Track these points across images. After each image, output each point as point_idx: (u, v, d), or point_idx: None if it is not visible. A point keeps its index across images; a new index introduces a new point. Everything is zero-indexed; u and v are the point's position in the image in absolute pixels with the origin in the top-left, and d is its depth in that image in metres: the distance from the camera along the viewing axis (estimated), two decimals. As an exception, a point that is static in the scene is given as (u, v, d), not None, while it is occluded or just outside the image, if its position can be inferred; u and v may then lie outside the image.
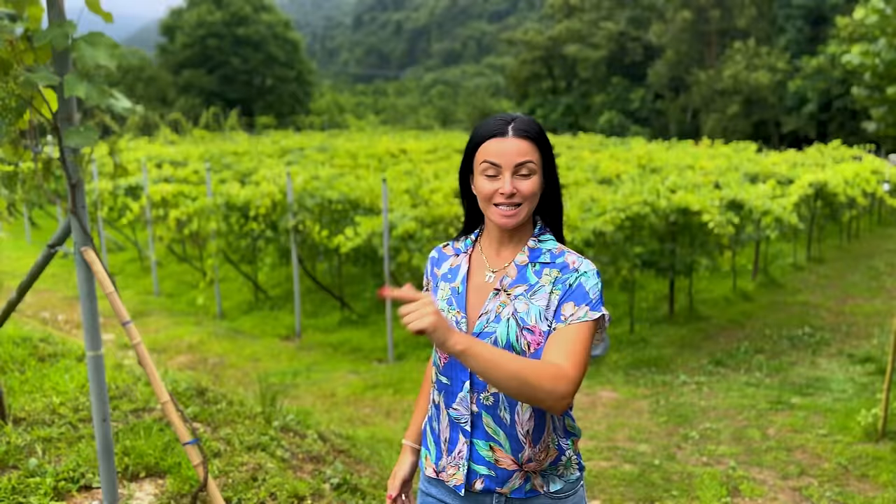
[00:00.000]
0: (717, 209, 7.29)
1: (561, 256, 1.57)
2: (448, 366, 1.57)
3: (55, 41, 1.93)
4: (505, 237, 1.60)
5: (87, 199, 10.20)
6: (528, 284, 1.54)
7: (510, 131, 1.51)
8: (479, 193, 1.54)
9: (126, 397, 3.16)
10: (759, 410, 5.15)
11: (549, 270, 1.55)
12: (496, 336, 1.51)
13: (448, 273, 1.65)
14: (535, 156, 1.52)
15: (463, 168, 1.60)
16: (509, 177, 1.49)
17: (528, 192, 1.51)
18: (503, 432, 1.53)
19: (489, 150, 1.51)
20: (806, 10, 39.25)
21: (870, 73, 4.98)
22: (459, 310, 1.57)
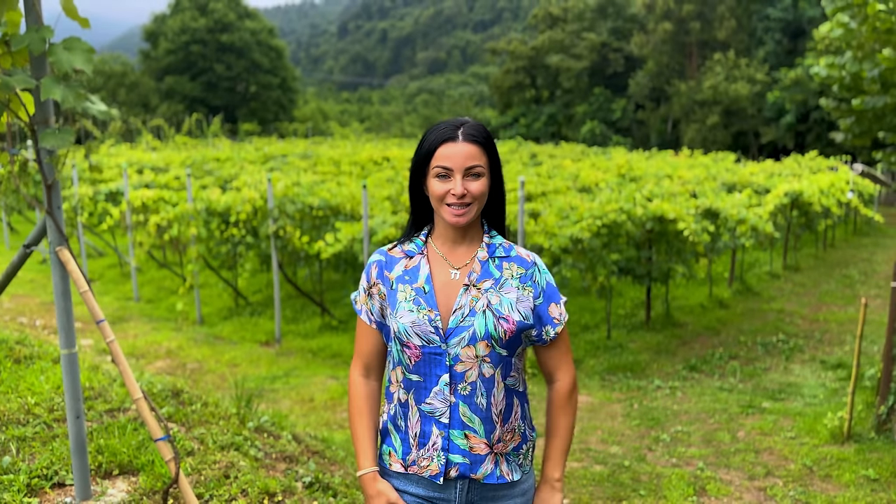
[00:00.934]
0: (692, 217, 7.42)
1: (512, 250, 1.71)
2: (420, 364, 1.64)
3: (32, 45, 1.98)
4: (458, 235, 1.69)
5: (68, 205, 10.18)
6: (494, 279, 1.66)
7: (460, 136, 1.61)
8: (432, 194, 1.63)
9: (101, 398, 3.18)
10: (731, 414, 5.25)
11: (508, 264, 1.68)
12: (474, 328, 1.60)
13: (405, 275, 1.70)
14: (483, 159, 1.63)
15: (415, 170, 1.68)
16: (460, 178, 1.59)
17: (478, 193, 1.61)
18: (478, 417, 1.63)
19: (441, 153, 1.60)
20: (784, 22, 39.90)
21: (837, 85, 5.14)
22: (431, 308, 1.63)
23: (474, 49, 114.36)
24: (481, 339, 1.60)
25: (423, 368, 1.64)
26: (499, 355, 1.63)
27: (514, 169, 14.75)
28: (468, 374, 1.62)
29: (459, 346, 1.61)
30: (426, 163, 1.64)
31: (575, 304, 9.03)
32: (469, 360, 1.62)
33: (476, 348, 1.61)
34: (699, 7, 41.64)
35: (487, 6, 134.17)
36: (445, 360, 1.62)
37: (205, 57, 50.31)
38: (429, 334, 1.62)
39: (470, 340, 1.61)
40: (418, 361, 1.64)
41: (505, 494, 1.70)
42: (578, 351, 7.33)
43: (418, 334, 1.63)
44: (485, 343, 1.61)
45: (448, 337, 1.62)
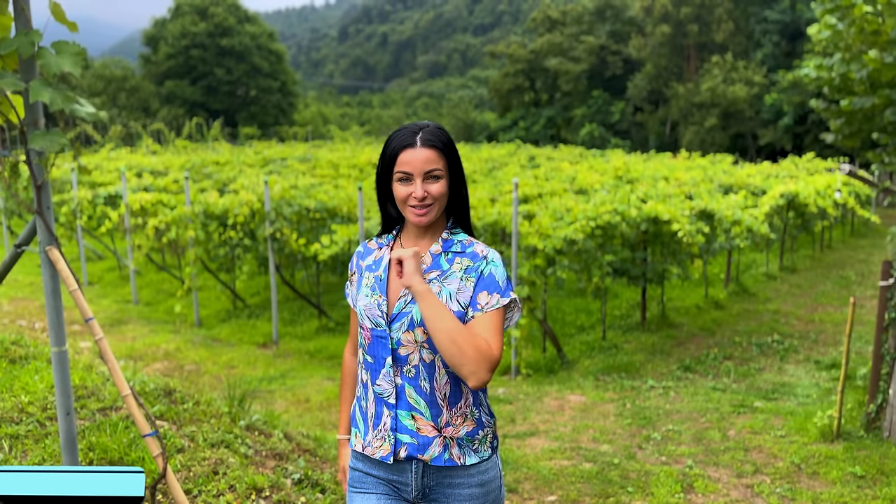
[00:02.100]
0: (687, 219, 7.45)
1: (470, 247, 1.79)
2: (371, 345, 1.76)
3: (21, 49, 2.03)
4: (421, 232, 1.80)
5: (67, 208, 10.24)
6: (441, 270, 1.75)
7: (418, 142, 1.71)
8: (396, 197, 1.74)
9: (94, 396, 3.23)
10: (722, 413, 5.29)
11: (460, 259, 1.76)
12: (412, 314, 1.71)
13: (372, 264, 1.84)
14: (442, 162, 1.72)
15: (380, 175, 1.78)
16: (420, 182, 1.70)
17: (437, 194, 1.72)
18: (423, 401, 1.72)
19: (402, 159, 1.70)
20: (782, 25, 39.97)
21: (827, 87, 5.18)
22: (381, 293, 1.76)
23: (474, 52, 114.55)
24: (418, 325, 1.69)
25: (373, 350, 1.75)
26: None
27: (512, 171, 14.80)
28: (411, 358, 1.72)
29: (400, 331, 1.71)
30: (390, 168, 1.74)
31: (570, 305, 9.06)
32: (410, 344, 1.71)
33: (415, 333, 1.70)
34: (697, 10, 41.72)
35: (487, 10, 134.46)
36: (388, 343, 1.72)
37: (205, 61, 50.43)
38: (377, 317, 1.74)
39: (409, 326, 1.70)
40: (370, 343, 1.76)
41: (461, 482, 1.75)
42: (573, 352, 7.36)
43: (369, 317, 1.75)
44: (422, 329, 1.69)
45: (391, 321, 1.73)
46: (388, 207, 1.83)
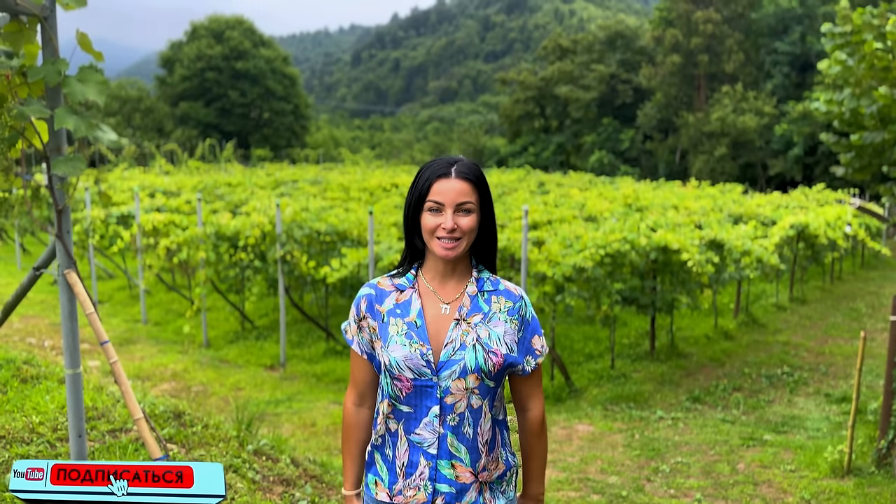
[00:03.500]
0: (696, 248, 7.45)
1: (499, 284, 1.77)
2: (411, 395, 1.68)
3: (48, 77, 2.08)
4: (448, 270, 1.75)
5: (80, 227, 10.33)
6: (483, 313, 1.72)
7: (453, 173, 1.68)
8: (424, 228, 1.69)
9: (105, 418, 3.24)
10: (732, 446, 5.24)
11: (497, 298, 1.74)
12: (465, 362, 1.66)
13: (396, 308, 1.74)
14: (474, 196, 1.69)
15: (410, 206, 1.73)
16: (451, 213, 1.66)
17: (467, 228, 1.68)
18: (465, 447, 1.69)
19: (435, 189, 1.67)
20: (792, 56, 40.16)
21: (837, 121, 5.22)
22: (423, 342, 1.68)
23: (485, 79, 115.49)
24: (471, 372, 1.65)
25: (414, 400, 1.69)
26: (487, 387, 1.69)
27: (522, 197, 14.85)
28: (457, 406, 1.67)
29: (450, 379, 1.66)
30: (421, 198, 1.70)
31: (579, 333, 9.03)
32: (459, 392, 1.67)
33: (466, 381, 1.66)
34: (707, 40, 42.01)
35: (499, 37, 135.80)
36: (436, 392, 1.66)
37: (220, 84, 51.07)
38: (420, 367, 1.66)
39: (460, 373, 1.66)
40: (409, 393, 1.68)
41: None
42: (582, 380, 7.33)
43: (410, 367, 1.66)
44: (474, 376, 1.66)
45: (439, 370, 1.66)
46: (416, 240, 1.78)
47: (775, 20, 40.87)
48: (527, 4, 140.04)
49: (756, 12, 42.05)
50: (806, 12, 39.90)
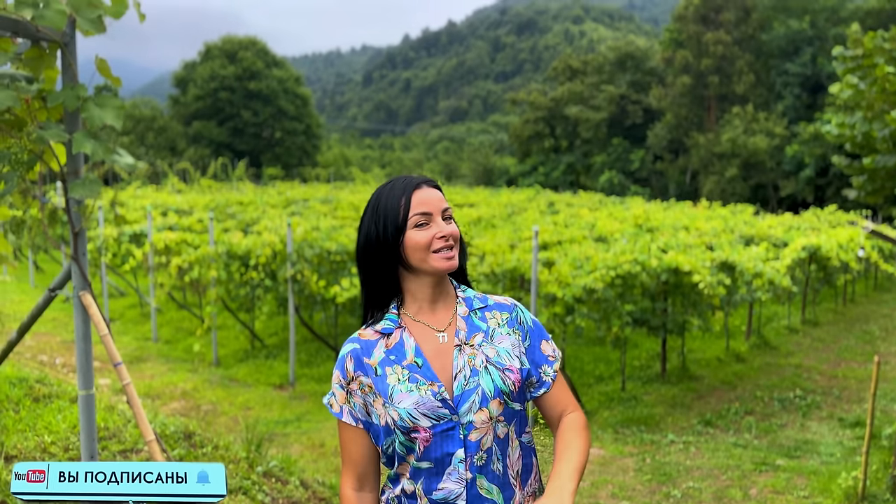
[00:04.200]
0: (708, 270, 7.42)
1: (487, 299, 1.63)
2: (431, 448, 1.48)
3: (67, 102, 2.12)
4: (435, 295, 1.58)
5: (92, 245, 10.43)
6: (483, 331, 1.56)
7: (424, 184, 1.56)
8: (416, 246, 1.50)
9: (115, 438, 3.25)
10: (744, 471, 5.18)
11: (491, 313, 1.60)
12: (482, 387, 1.48)
13: (389, 355, 1.54)
14: (447, 203, 1.58)
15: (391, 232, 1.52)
16: (441, 220, 1.53)
17: (457, 234, 1.56)
18: (496, 486, 1.50)
19: (417, 200, 1.52)
20: (803, 77, 40.21)
21: (849, 143, 5.22)
22: (432, 381, 1.49)
23: (495, 99, 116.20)
24: (493, 398, 1.48)
25: (435, 451, 1.48)
26: (512, 410, 1.52)
27: (532, 217, 14.86)
28: (483, 442, 1.48)
29: (472, 413, 1.47)
30: (403, 218, 1.52)
31: (589, 354, 8.99)
32: (483, 425, 1.48)
33: (489, 409, 1.48)
34: (718, 62, 42.15)
35: (509, 58, 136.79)
36: (459, 432, 1.47)
37: (232, 103, 51.65)
38: (437, 410, 1.47)
39: (481, 402, 1.48)
40: (428, 445, 1.47)
41: None
42: (592, 402, 7.28)
43: (426, 414, 1.46)
44: (497, 401, 1.49)
45: (458, 405, 1.48)
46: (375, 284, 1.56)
47: (786, 41, 40.98)
48: (537, 26, 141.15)
49: (766, 34, 42.19)
50: (816, 34, 40.00)
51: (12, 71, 2.18)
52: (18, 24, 2.03)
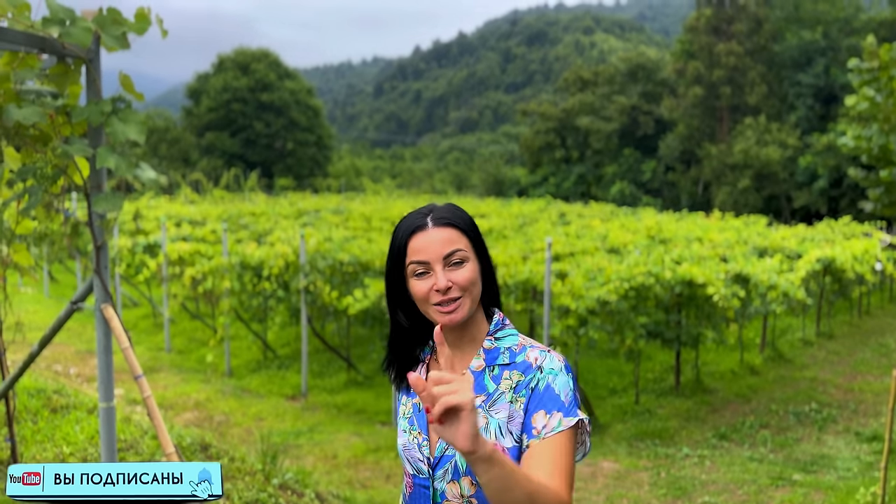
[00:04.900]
0: (722, 282, 7.39)
1: (521, 353, 1.38)
2: (413, 496, 1.38)
3: (92, 118, 2.15)
4: (456, 337, 1.40)
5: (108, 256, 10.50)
6: (487, 394, 1.35)
7: (430, 223, 1.36)
8: (415, 297, 1.36)
9: (133, 449, 3.27)
10: (760, 486, 5.13)
11: (510, 373, 1.36)
12: (455, 460, 1.32)
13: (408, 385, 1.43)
14: (464, 241, 1.36)
15: (391, 272, 1.40)
16: (441, 270, 1.33)
17: (465, 282, 1.33)
18: None
19: (412, 247, 1.35)
20: (816, 88, 40.06)
21: (866, 156, 5.18)
22: (420, 430, 1.37)
23: (505, 109, 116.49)
24: (464, 475, 1.30)
25: (415, 501, 1.38)
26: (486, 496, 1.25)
27: (543, 228, 14.85)
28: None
29: (444, 481, 1.33)
30: (401, 262, 1.37)
31: (602, 367, 8.95)
32: (454, 499, 1.32)
33: (460, 485, 1.31)
34: (730, 72, 42.09)
35: (519, 69, 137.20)
36: (430, 496, 1.34)
37: (245, 115, 52.06)
38: (417, 462, 1.37)
39: (453, 475, 1.32)
40: (411, 493, 1.39)
41: None
42: (605, 415, 7.24)
43: (409, 460, 1.39)
44: (468, 480, 1.30)
45: (435, 468, 1.34)
46: (399, 316, 1.43)
47: (798, 52, 40.89)
48: (547, 37, 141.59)
49: (779, 45, 42.11)
50: (829, 45, 39.88)
51: (38, 87, 2.22)
52: (45, 41, 2.06)
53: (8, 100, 2.11)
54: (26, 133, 2.19)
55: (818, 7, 40.73)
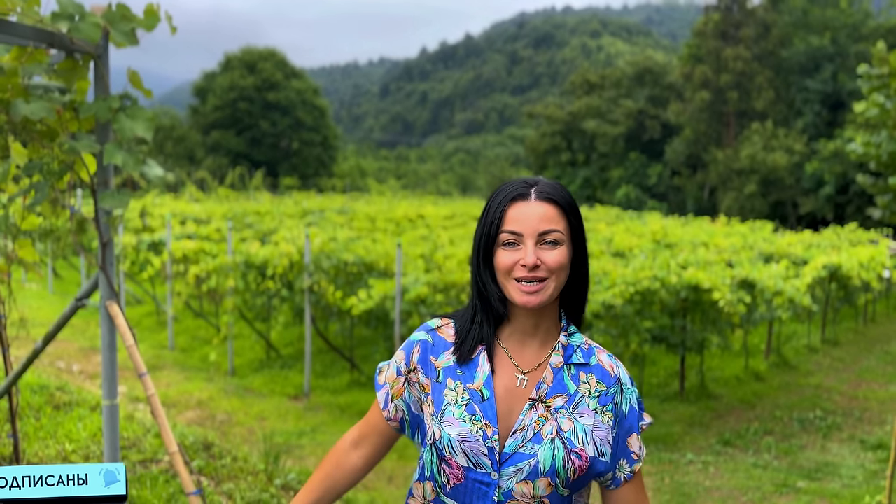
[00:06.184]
0: (728, 287, 7.36)
1: (591, 355, 1.38)
2: (460, 489, 1.30)
3: (100, 114, 2.14)
4: (530, 326, 1.35)
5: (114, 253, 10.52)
6: (568, 395, 1.32)
7: (533, 194, 1.30)
8: (498, 268, 1.31)
9: (136, 448, 3.26)
10: (764, 493, 5.10)
11: (586, 376, 1.34)
12: (538, 460, 1.27)
13: (457, 368, 1.35)
14: (563, 224, 1.30)
15: (481, 241, 1.34)
16: (532, 246, 1.27)
17: (554, 265, 1.28)
18: None
19: (509, 216, 1.29)
20: (823, 94, 39.97)
21: (874, 162, 5.16)
22: (489, 422, 1.29)
23: (511, 112, 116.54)
24: (543, 476, 1.26)
25: (463, 496, 1.30)
26: (560, 497, 1.29)
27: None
28: None
29: (514, 480, 1.27)
30: (493, 230, 1.31)
31: (606, 371, 8.91)
32: (524, 498, 1.27)
33: (535, 486, 1.27)
34: (737, 77, 42.01)
35: (526, 71, 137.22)
36: (494, 493, 1.27)
37: (251, 114, 52.15)
38: (479, 456, 1.28)
39: (529, 475, 1.26)
40: (458, 485, 1.29)
41: None
42: (608, 419, 7.21)
43: (466, 452, 1.28)
44: (547, 481, 1.26)
45: (503, 464, 1.28)
46: (486, 287, 1.34)
47: (806, 58, 40.80)
48: (554, 39, 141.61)
49: (787, 50, 42.03)
50: (837, 50, 39.78)
51: (46, 82, 2.21)
52: (54, 36, 2.05)
53: (16, 94, 2.10)
54: (33, 128, 2.18)
55: (827, 13, 40.64)
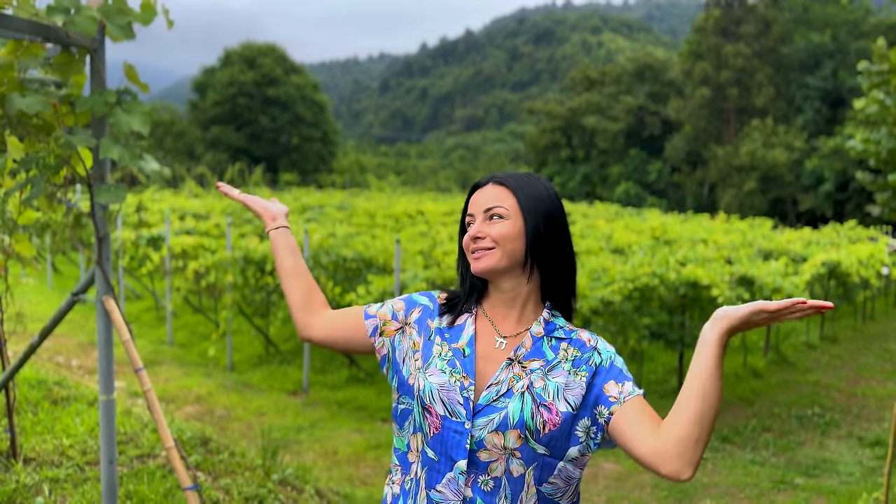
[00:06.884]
0: (726, 284, 7.36)
1: (574, 333, 1.47)
2: (438, 438, 1.39)
3: (96, 108, 2.13)
4: (508, 300, 1.48)
5: (111, 248, 10.52)
6: (545, 360, 1.42)
7: (490, 182, 1.50)
8: (463, 247, 1.51)
9: (133, 443, 3.25)
10: (762, 489, 5.11)
11: (567, 346, 1.44)
12: (507, 412, 1.35)
13: (446, 331, 1.49)
14: (509, 201, 1.45)
15: (460, 230, 1.56)
16: (479, 221, 1.46)
17: (497, 235, 1.42)
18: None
19: (470, 202, 1.51)
20: (823, 91, 39.93)
21: (874, 159, 5.15)
22: (467, 374, 1.40)
23: (511, 108, 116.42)
24: (512, 427, 1.34)
25: (439, 444, 1.39)
26: (533, 452, 1.35)
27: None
28: (492, 467, 1.35)
29: (486, 430, 1.35)
30: (462, 218, 1.53)
31: (604, 367, 8.92)
32: (495, 449, 1.35)
33: (505, 437, 1.34)
34: (737, 74, 41.97)
35: (526, 67, 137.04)
36: (466, 441, 1.35)
37: (251, 109, 52.06)
38: (455, 404, 1.38)
39: (499, 425, 1.35)
40: (436, 434, 1.39)
41: None
42: (607, 415, 7.22)
43: (443, 400, 1.38)
44: (516, 433, 1.34)
45: (476, 414, 1.37)
46: (464, 265, 1.54)
47: (806, 55, 40.75)
48: (555, 35, 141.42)
49: (787, 47, 41.98)
50: (838, 47, 39.74)
51: (42, 76, 2.20)
52: (50, 29, 2.04)
53: (11, 88, 2.10)
54: (29, 122, 2.17)
55: (827, 9, 40.59)
